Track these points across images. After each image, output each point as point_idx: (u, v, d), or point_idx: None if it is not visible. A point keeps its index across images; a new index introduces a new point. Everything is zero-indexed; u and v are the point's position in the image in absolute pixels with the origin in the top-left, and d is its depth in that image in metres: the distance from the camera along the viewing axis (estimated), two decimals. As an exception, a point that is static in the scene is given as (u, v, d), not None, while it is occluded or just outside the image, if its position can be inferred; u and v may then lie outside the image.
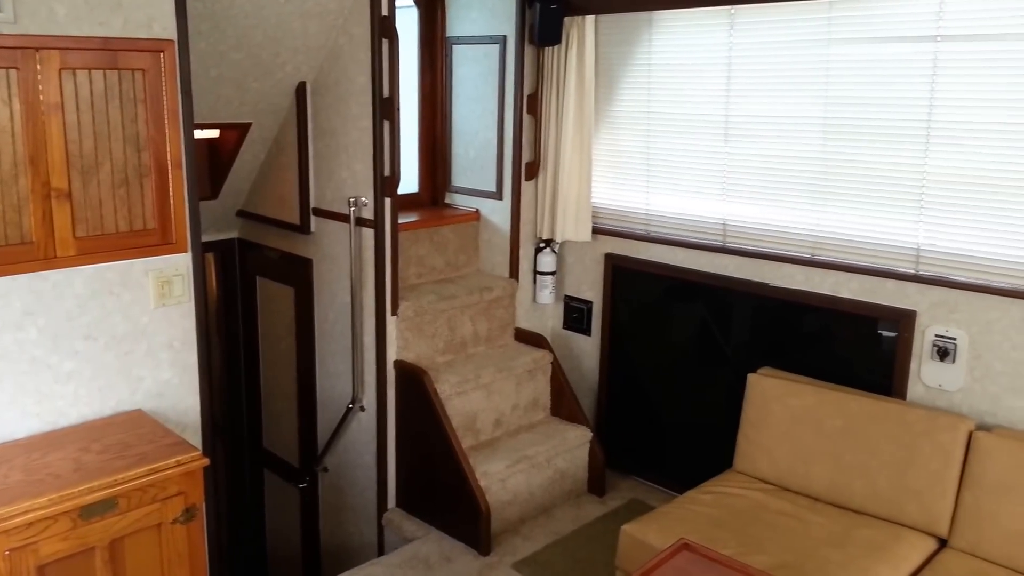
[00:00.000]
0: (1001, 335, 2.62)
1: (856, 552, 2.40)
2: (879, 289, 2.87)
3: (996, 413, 2.65)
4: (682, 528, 2.49)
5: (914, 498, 2.54)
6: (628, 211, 3.54)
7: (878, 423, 2.65)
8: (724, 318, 3.28)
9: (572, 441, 3.42)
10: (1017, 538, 2.36)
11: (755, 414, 2.90)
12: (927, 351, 2.77)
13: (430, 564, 2.98)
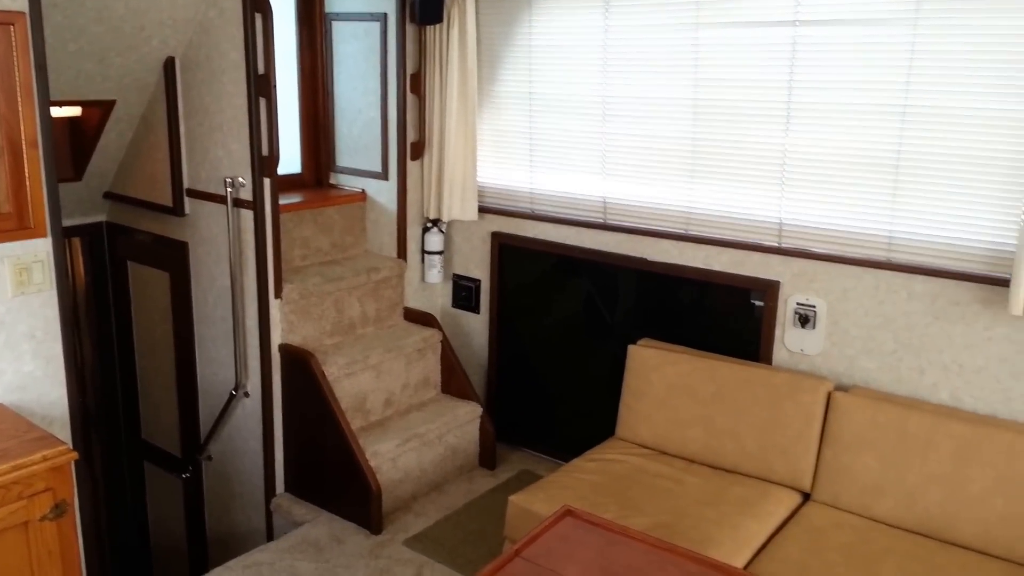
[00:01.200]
0: (855, 302, 2.83)
1: (728, 509, 2.55)
2: (746, 261, 3.04)
3: (852, 374, 2.87)
4: (567, 496, 2.59)
5: (780, 456, 2.72)
6: (513, 190, 3.60)
7: (747, 387, 2.82)
8: (607, 292, 3.40)
9: (462, 417, 3.47)
10: (870, 489, 2.57)
11: (635, 383, 3.03)
12: (790, 318, 2.96)
13: (320, 546, 2.97)
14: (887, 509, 2.53)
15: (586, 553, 2.07)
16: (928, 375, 2.72)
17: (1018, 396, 2.57)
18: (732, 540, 2.40)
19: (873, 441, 2.58)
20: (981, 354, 2.62)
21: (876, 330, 2.80)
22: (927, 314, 2.70)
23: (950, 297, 2.65)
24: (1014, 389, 2.57)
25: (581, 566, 2.03)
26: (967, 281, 2.61)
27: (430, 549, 2.95)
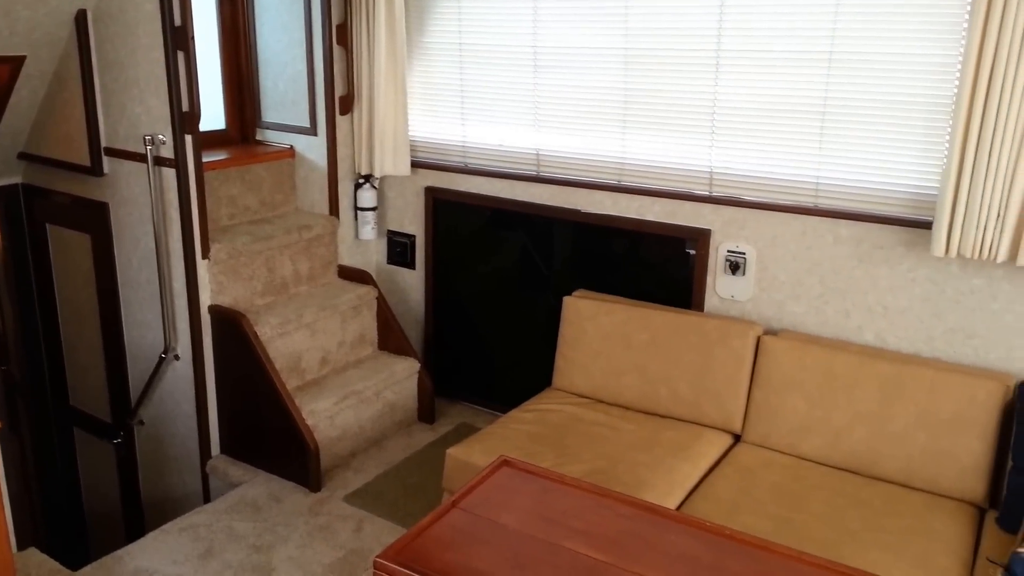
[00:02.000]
0: (784, 248, 2.88)
1: (662, 453, 2.60)
2: (679, 211, 3.06)
3: (781, 318, 2.94)
4: (504, 446, 2.60)
5: (712, 400, 2.78)
6: (446, 144, 3.54)
7: (679, 334, 2.86)
8: (542, 245, 3.39)
9: (400, 373, 3.45)
10: (799, 429, 2.64)
11: (570, 333, 3.05)
12: (721, 266, 3.00)
13: (258, 506, 2.95)
14: (815, 447, 2.61)
15: (523, 501, 2.09)
16: (854, 317, 2.80)
17: (939, 335, 2.66)
18: (665, 482, 2.45)
19: (801, 382, 2.65)
20: (904, 295, 2.70)
21: (804, 275, 2.86)
22: (852, 258, 2.76)
23: (874, 241, 2.72)
24: (936, 328, 2.66)
25: (518, 514, 2.05)
26: (891, 225, 2.68)
27: (370, 504, 2.95)
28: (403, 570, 1.83)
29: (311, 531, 2.80)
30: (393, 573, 1.85)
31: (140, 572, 2.63)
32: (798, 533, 2.23)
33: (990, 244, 2.43)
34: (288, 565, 2.64)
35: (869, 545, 2.19)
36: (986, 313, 2.57)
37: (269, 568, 2.63)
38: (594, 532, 1.97)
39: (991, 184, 2.38)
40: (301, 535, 2.78)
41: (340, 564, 2.64)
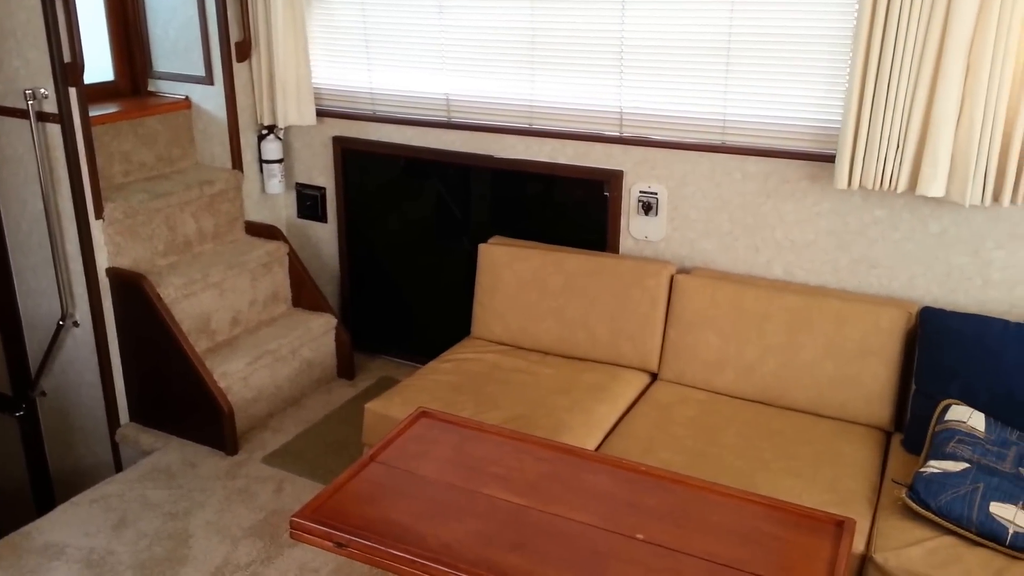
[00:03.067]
0: (694, 186, 2.90)
1: (580, 396, 2.62)
2: (590, 153, 3.04)
3: (693, 256, 2.97)
4: (423, 398, 2.58)
5: (628, 340, 2.80)
6: (352, 91, 3.42)
7: (595, 277, 2.86)
8: (456, 192, 3.33)
9: (316, 330, 3.37)
10: (711, 364, 2.69)
11: (486, 281, 3.01)
12: (634, 207, 3.01)
13: (173, 472, 2.86)
14: (728, 382, 2.66)
15: (442, 451, 2.08)
16: (763, 252, 2.84)
17: (844, 266, 2.73)
18: (584, 424, 2.47)
19: (713, 319, 2.69)
20: (811, 228, 2.75)
21: (714, 212, 2.88)
22: (760, 194, 2.80)
23: (781, 176, 2.75)
24: (840, 260, 2.73)
25: (437, 463, 2.03)
26: (796, 159, 2.71)
27: (290, 464, 2.89)
28: (321, 528, 1.80)
29: (229, 495, 2.74)
30: (310, 531, 1.82)
31: (50, 547, 2.52)
32: (713, 465, 2.28)
33: (890, 175, 2.49)
34: (206, 530, 2.57)
35: (781, 473, 2.25)
36: (888, 243, 2.65)
37: (186, 534, 2.56)
38: (513, 477, 1.98)
39: (890, 116, 2.42)
40: (219, 499, 2.72)
41: (261, 526, 2.59)
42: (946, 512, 2.01)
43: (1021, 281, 2.49)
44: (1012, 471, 2.11)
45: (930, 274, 2.61)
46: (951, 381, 2.33)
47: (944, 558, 1.94)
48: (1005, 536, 1.94)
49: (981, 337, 2.29)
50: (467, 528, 1.80)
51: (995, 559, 1.93)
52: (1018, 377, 2.24)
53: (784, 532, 1.81)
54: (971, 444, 2.18)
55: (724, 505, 1.89)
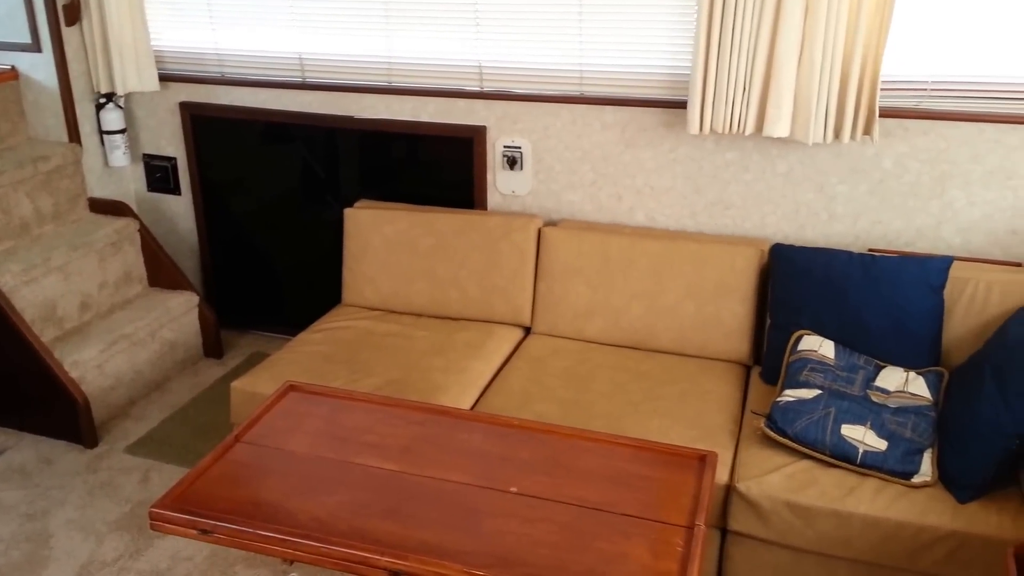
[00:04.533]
0: (556, 139, 2.90)
1: (455, 355, 2.61)
2: (452, 109, 2.99)
3: (560, 209, 2.98)
4: (292, 371, 2.50)
5: (501, 296, 2.81)
6: (196, 52, 3.22)
7: (464, 235, 2.84)
8: (318, 156, 3.22)
9: (177, 309, 3.21)
10: (582, 314, 2.73)
11: (355, 246, 2.94)
12: (499, 162, 2.99)
13: (27, 471, 2.68)
14: (598, 329, 2.71)
15: (312, 424, 2.03)
16: (625, 200, 2.89)
17: (701, 209, 2.81)
18: (459, 384, 2.47)
19: (581, 269, 2.72)
20: (668, 174, 2.81)
21: (576, 163, 2.90)
22: (619, 143, 2.83)
23: (638, 124, 2.79)
24: (697, 203, 2.81)
25: (307, 437, 1.98)
26: (651, 107, 2.76)
27: (156, 452, 2.76)
28: (183, 516, 1.72)
29: (91, 490, 2.59)
30: (172, 521, 1.74)
31: None
32: (585, 412, 2.33)
33: (739, 118, 2.56)
34: (68, 529, 2.43)
35: (649, 414, 2.32)
36: (740, 184, 2.74)
37: (46, 535, 2.41)
38: (386, 444, 1.95)
39: (735, 60, 2.48)
40: (80, 495, 2.57)
41: (127, 519, 2.46)
42: (802, 438, 2.12)
43: (863, 214, 2.64)
44: (860, 394, 2.25)
45: (780, 212, 2.73)
46: (802, 313, 2.45)
47: (801, 481, 2.05)
48: (856, 456, 2.07)
49: (827, 269, 2.41)
50: (339, 500, 1.76)
51: (848, 478, 2.06)
52: (862, 305, 2.38)
53: (651, 471, 1.86)
54: (822, 371, 2.31)
55: (594, 451, 1.93)
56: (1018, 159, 2.43)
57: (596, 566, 1.60)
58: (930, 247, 2.60)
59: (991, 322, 2.33)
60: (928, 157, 2.52)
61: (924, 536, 1.93)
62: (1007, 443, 1.92)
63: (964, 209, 2.53)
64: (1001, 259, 2.54)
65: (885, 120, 2.51)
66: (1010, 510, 1.94)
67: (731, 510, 2.09)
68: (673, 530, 1.70)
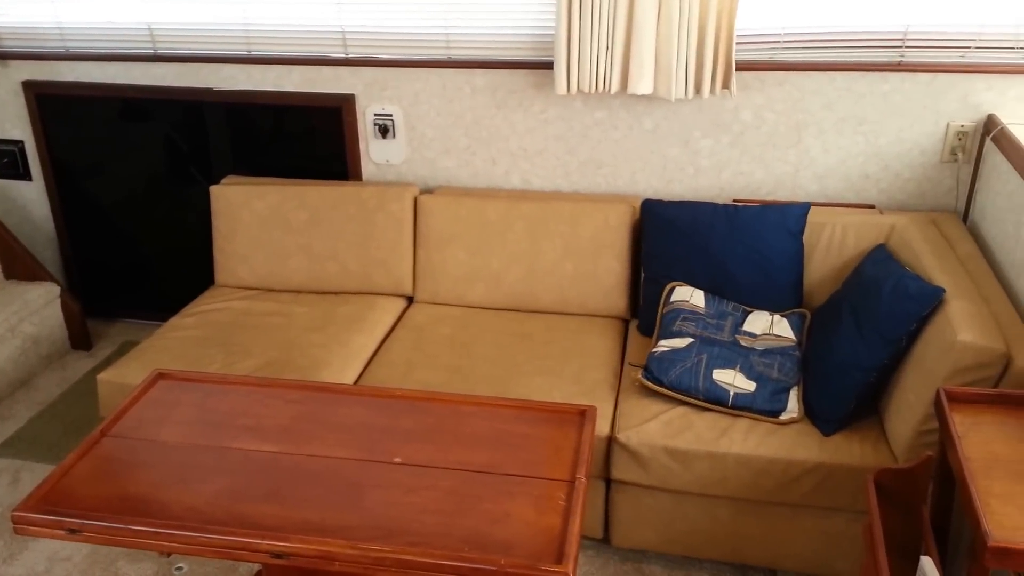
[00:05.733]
0: (427, 105, 2.86)
1: (336, 330, 2.56)
2: (318, 78, 2.90)
3: (436, 176, 2.96)
4: (164, 359, 2.40)
5: (380, 267, 2.77)
6: (36, 27, 2.99)
7: (339, 207, 2.78)
8: (183, 133, 3.06)
9: (37, 301, 3.02)
10: (462, 280, 2.73)
11: (224, 225, 2.83)
12: (371, 131, 2.93)
13: None
14: (479, 294, 2.72)
15: (184, 412, 1.95)
16: (500, 164, 2.89)
17: (575, 169, 2.84)
18: (341, 358, 2.43)
19: (459, 235, 2.72)
20: (540, 136, 2.83)
21: (449, 129, 2.88)
22: (490, 106, 2.82)
23: (507, 87, 2.78)
24: (570, 164, 2.84)
25: (179, 426, 1.91)
26: (520, 69, 2.75)
27: (26, 451, 2.61)
28: (47, 517, 1.64)
29: (-49, 500, 2.44)
30: (37, 523, 1.65)
31: None
32: (469, 378, 2.34)
33: (604, 77, 2.59)
34: (-72, 544, 2.28)
35: (532, 373, 2.36)
36: (610, 143, 2.78)
37: (-96, 554, 2.25)
38: (263, 426, 1.90)
39: (597, 20, 2.50)
40: (-60, 507, 2.41)
41: (-4, 526, 2.33)
42: (677, 385, 2.20)
43: (726, 166, 2.73)
44: (730, 339, 2.35)
45: (649, 168, 2.79)
46: (674, 265, 2.53)
47: (678, 427, 2.13)
48: (727, 398, 2.16)
49: (694, 222, 2.49)
50: (215, 487, 1.71)
51: (721, 420, 2.15)
52: (728, 254, 2.47)
53: (533, 430, 1.89)
54: (694, 320, 2.39)
55: (477, 415, 1.95)
56: (867, 105, 2.57)
57: (481, 527, 1.62)
58: (790, 195, 2.72)
59: (848, 263, 2.47)
60: (784, 108, 2.62)
61: (793, 470, 2.04)
62: (865, 376, 2.05)
63: (820, 156, 2.66)
64: (855, 202, 2.69)
65: (742, 73, 2.60)
66: (871, 439, 2.07)
67: (613, 460, 2.15)
68: (556, 485, 1.73)
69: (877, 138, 2.59)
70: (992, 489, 1.48)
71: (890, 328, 2.01)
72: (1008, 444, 1.59)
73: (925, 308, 1.98)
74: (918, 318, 1.98)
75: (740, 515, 2.14)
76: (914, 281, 2.05)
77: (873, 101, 2.55)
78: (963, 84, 2.48)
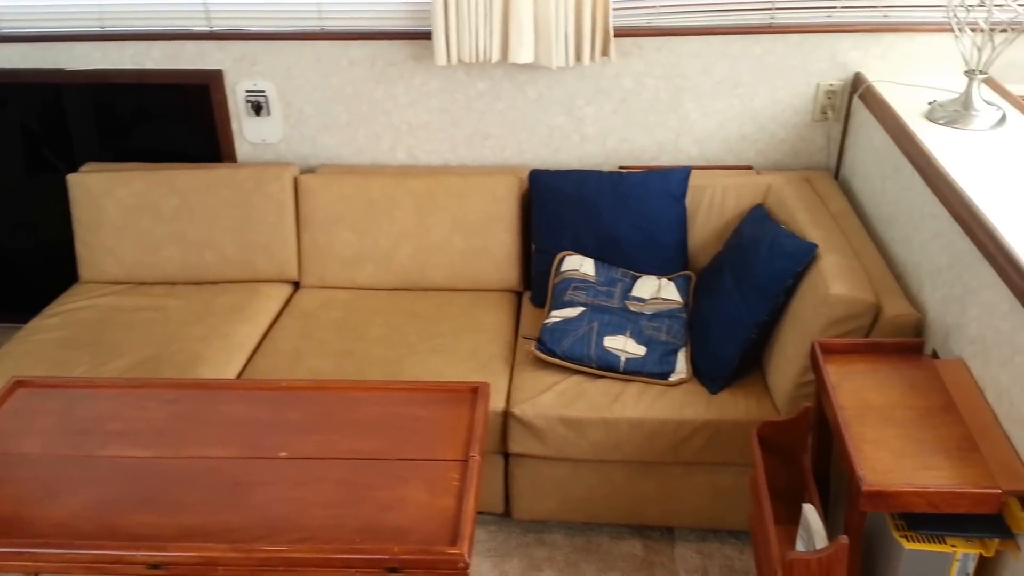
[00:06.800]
0: (302, 79, 2.74)
1: (216, 321, 2.44)
2: (181, 53, 2.73)
3: (317, 154, 2.84)
4: (26, 365, 2.23)
5: (262, 253, 2.65)
6: None
7: (212, 191, 2.63)
8: (32, 119, 2.83)
9: None
10: (350, 261, 2.64)
11: (86, 216, 2.65)
12: (243, 108, 2.78)
13: None
14: (369, 275, 2.64)
15: (47, 421, 1.82)
16: (384, 139, 2.80)
17: (461, 142, 2.79)
18: (223, 351, 2.32)
19: (345, 215, 2.62)
20: (424, 109, 2.75)
21: (328, 104, 2.77)
22: (370, 79, 2.72)
23: (386, 58, 2.69)
24: (456, 136, 2.78)
25: (42, 437, 1.77)
26: (398, 39, 2.66)
27: None
28: None
29: None
30: None
31: None
32: (361, 362, 2.27)
33: (484, 47, 2.53)
34: None
35: (426, 353, 2.31)
36: (495, 113, 2.74)
37: None
38: (136, 430, 1.79)
39: (472, -13, 2.44)
40: None
41: None
42: (569, 355, 2.20)
43: (610, 133, 2.73)
44: (619, 306, 2.37)
45: (535, 138, 2.76)
46: (563, 235, 2.51)
47: (572, 396, 2.13)
48: (619, 364, 2.17)
49: (580, 190, 2.48)
50: (83, 499, 1.60)
51: (613, 386, 2.16)
52: (615, 221, 2.47)
53: (426, 411, 1.85)
54: (585, 289, 2.40)
55: (368, 400, 1.89)
56: (742, 68, 2.60)
57: (374, 515, 1.57)
58: (672, 159, 2.74)
59: (729, 223, 2.52)
60: (663, 73, 2.63)
61: (684, 429, 2.08)
62: (747, 333, 2.10)
63: (699, 120, 2.69)
64: (734, 164, 2.74)
65: (621, 40, 2.59)
66: (755, 394, 2.12)
67: (510, 434, 2.14)
68: (449, 465, 1.70)
69: (752, 100, 2.64)
70: (865, 435, 1.54)
71: (768, 285, 2.06)
72: (879, 391, 1.65)
73: (800, 264, 2.03)
74: (793, 274, 2.03)
75: (636, 477, 2.17)
76: (789, 239, 2.10)
77: (747, 63, 2.59)
78: (830, 44, 2.55)
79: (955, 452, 1.48)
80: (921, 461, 1.46)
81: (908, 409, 1.60)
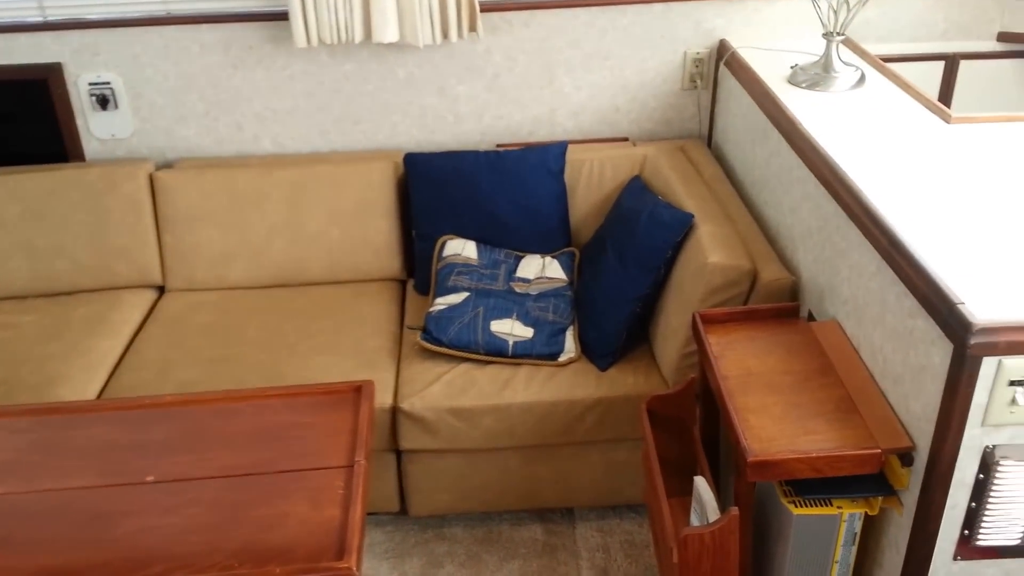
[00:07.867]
0: (151, 68, 2.55)
1: (74, 337, 2.26)
2: (13, 47, 2.49)
3: (175, 147, 2.66)
4: None
5: (121, 258, 2.46)
6: None
7: (58, 195, 2.43)
8: None
9: None
10: (219, 260, 2.49)
11: (-86, 231, 2.40)
12: (87, 103, 2.57)
13: None
14: (240, 273, 2.50)
15: None
16: (247, 128, 2.65)
17: (331, 128, 2.66)
18: (82, 369, 2.14)
19: (209, 211, 2.47)
20: (288, 94, 2.61)
21: (182, 94, 2.59)
22: (226, 65, 2.56)
23: (241, 42, 2.53)
24: (325, 122, 2.66)
25: None
26: (251, 21, 2.51)
27: None
28: None
29: None
30: None
31: None
32: (238, 368, 2.15)
33: (345, 27, 2.42)
34: None
35: (308, 353, 2.20)
36: (364, 96, 2.63)
37: None
38: (-19, 466, 1.63)
39: (327, -37, 2.32)
40: None
41: None
42: (456, 343, 2.14)
43: (485, 110, 2.66)
44: (504, 288, 2.32)
45: (409, 120, 2.67)
46: (443, 219, 2.44)
47: (461, 385, 2.08)
48: (507, 348, 2.13)
49: (458, 172, 2.42)
50: (-80, 552, 1.44)
51: (503, 372, 2.12)
52: (495, 200, 2.42)
53: (307, 417, 1.76)
54: (468, 273, 2.34)
55: (243, 411, 1.78)
56: (611, 40, 2.58)
57: (254, 536, 1.48)
58: (548, 135, 2.71)
59: (608, 196, 2.50)
60: (533, 47, 2.58)
61: (576, 409, 2.06)
62: (631, 307, 2.09)
63: (572, 93, 2.66)
64: (609, 136, 2.72)
65: (488, 15, 2.52)
66: (643, 369, 2.13)
67: (400, 430, 2.07)
68: (334, 473, 1.62)
69: (623, 71, 2.63)
70: (748, 404, 1.55)
71: (649, 257, 2.06)
72: (759, 358, 1.67)
73: (678, 235, 2.03)
74: (672, 245, 2.04)
75: (531, 462, 2.14)
76: (667, 209, 2.10)
77: (615, 35, 2.57)
78: (695, 12, 2.56)
79: (835, 415, 1.51)
80: (803, 426, 1.48)
81: (788, 374, 1.62)
